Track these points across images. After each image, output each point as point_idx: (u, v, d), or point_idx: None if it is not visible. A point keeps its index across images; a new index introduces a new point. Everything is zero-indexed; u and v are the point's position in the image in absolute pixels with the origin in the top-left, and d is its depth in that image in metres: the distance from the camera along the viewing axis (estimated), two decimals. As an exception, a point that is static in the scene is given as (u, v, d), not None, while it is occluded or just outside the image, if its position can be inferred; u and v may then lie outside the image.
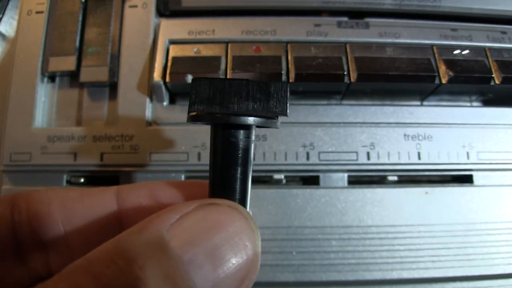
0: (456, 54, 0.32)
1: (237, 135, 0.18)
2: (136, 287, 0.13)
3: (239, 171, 0.18)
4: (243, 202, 0.18)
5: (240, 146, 0.18)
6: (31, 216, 0.19)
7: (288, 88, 0.18)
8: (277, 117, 0.19)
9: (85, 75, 0.31)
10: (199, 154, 0.30)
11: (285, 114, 0.18)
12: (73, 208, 0.19)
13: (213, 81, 0.17)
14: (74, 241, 0.19)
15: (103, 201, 0.20)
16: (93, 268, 0.14)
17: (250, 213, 0.18)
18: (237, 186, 0.18)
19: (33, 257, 0.19)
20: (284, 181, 0.31)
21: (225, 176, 0.18)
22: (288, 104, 0.18)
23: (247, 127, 0.18)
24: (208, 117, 0.18)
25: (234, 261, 0.16)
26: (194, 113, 0.18)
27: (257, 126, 0.19)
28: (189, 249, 0.15)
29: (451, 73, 0.30)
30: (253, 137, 0.19)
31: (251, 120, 0.18)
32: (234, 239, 0.16)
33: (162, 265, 0.14)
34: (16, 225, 0.19)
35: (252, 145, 0.19)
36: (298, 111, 0.31)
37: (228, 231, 0.16)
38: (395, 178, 0.31)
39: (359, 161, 0.30)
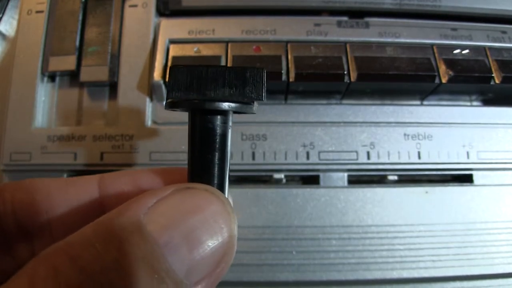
0: (456, 54, 0.32)
1: (214, 120, 0.18)
2: (113, 269, 0.14)
3: (216, 157, 0.19)
4: (221, 187, 0.19)
5: (218, 131, 0.18)
6: (16, 206, 0.19)
7: (264, 73, 0.18)
8: (254, 102, 0.19)
9: (85, 75, 0.31)
10: (199, 154, 0.30)
11: (261, 99, 0.18)
12: (57, 197, 0.20)
13: (190, 68, 0.18)
14: (58, 229, 0.20)
15: (86, 190, 0.20)
16: (71, 250, 0.14)
17: (230, 199, 0.18)
18: (215, 171, 0.19)
19: (19, 247, 0.19)
20: (284, 180, 0.31)
21: (203, 162, 0.19)
22: (264, 89, 0.18)
23: (224, 113, 0.19)
24: (185, 103, 0.18)
25: (210, 243, 0.16)
26: (171, 100, 0.18)
27: (234, 112, 0.19)
28: (165, 232, 0.15)
29: (451, 73, 0.30)
30: (230, 123, 0.19)
31: (227, 105, 0.18)
32: (210, 222, 0.16)
33: (139, 248, 0.14)
34: (0, 216, 0.19)
35: (230, 131, 0.19)
36: (298, 111, 0.31)
37: (204, 214, 0.16)
38: (395, 177, 0.31)
39: (359, 161, 0.30)
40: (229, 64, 0.30)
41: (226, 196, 0.19)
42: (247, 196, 0.30)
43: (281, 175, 0.31)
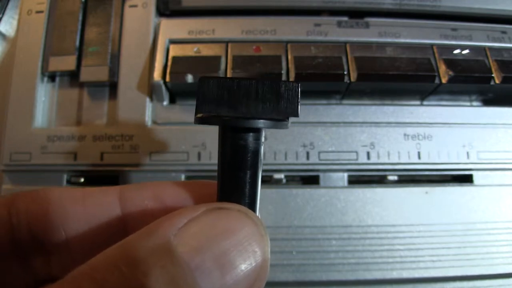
0: (456, 54, 0.32)
1: (246, 137, 0.17)
2: None
3: (248, 175, 0.18)
4: (252, 206, 0.18)
5: (250, 148, 0.17)
6: (30, 219, 0.18)
7: (299, 88, 0.17)
8: (288, 118, 0.18)
9: (85, 75, 0.31)
10: (199, 154, 0.30)
11: (296, 115, 0.17)
12: (74, 210, 0.19)
13: (221, 81, 0.17)
14: (75, 244, 0.19)
15: (105, 203, 0.19)
16: (97, 275, 0.13)
17: (260, 217, 0.18)
18: (247, 190, 0.18)
19: (34, 260, 0.19)
20: (284, 180, 0.31)
21: (234, 180, 0.18)
22: (299, 105, 0.17)
23: (257, 130, 0.18)
24: (216, 119, 0.17)
25: (243, 267, 0.15)
26: (201, 115, 0.17)
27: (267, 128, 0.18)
28: (197, 255, 0.14)
29: (451, 73, 0.30)
30: (262, 139, 0.18)
31: (261, 123, 0.17)
32: (243, 245, 0.15)
33: (168, 271, 0.13)
34: (14, 228, 0.18)
35: (262, 147, 0.18)
36: (298, 111, 0.31)
37: (237, 237, 0.15)
38: (395, 177, 0.31)
39: (359, 161, 0.30)
40: (229, 64, 0.30)
41: (257, 215, 0.18)
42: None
43: (281, 175, 0.31)
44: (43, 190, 0.19)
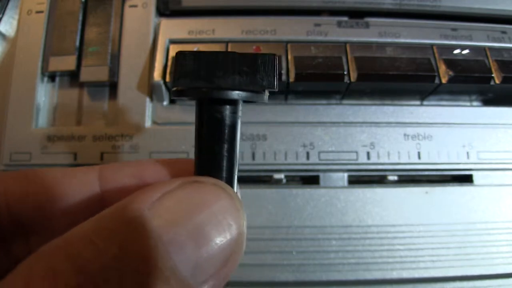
0: (456, 54, 0.32)
1: (223, 110, 0.17)
2: (114, 269, 0.13)
3: (225, 148, 0.18)
4: (230, 181, 0.18)
5: (226, 122, 0.17)
6: (9, 199, 0.18)
7: (276, 60, 0.17)
8: (265, 91, 0.18)
9: (85, 75, 0.31)
10: (199, 154, 0.30)
11: (273, 87, 0.17)
12: (54, 190, 0.19)
13: (198, 54, 0.17)
14: (56, 223, 0.19)
15: (86, 182, 0.19)
16: (71, 249, 0.13)
17: (238, 192, 0.17)
18: (224, 164, 0.18)
19: (14, 242, 0.19)
20: (284, 180, 0.31)
21: (211, 154, 0.18)
22: (276, 77, 0.17)
23: (233, 102, 0.18)
24: (192, 92, 0.17)
25: (218, 240, 0.15)
26: (177, 88, 0.17)
27: (244, 101, 0.18)
28: (170, 228, 0.14)
29: (451, 73, 0.30)
30: (239, 113, 0.18)
31: (236, 94, 0.17)
32: (218, 218, 0.15)
33: (142, 245, 0.13)
34: None
35: (239, 121, 0.18)
36: (298, 111, 0.31)
37: (212, 210, 0.15)
38: (395, 177, 0.31)
39: (359, 161, 0.30)
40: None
41: (235, 190, 0.18)
42: (247, 196, 0.30)
43: (281, 175, 0.31)
44: (23, 170, 0.19)
